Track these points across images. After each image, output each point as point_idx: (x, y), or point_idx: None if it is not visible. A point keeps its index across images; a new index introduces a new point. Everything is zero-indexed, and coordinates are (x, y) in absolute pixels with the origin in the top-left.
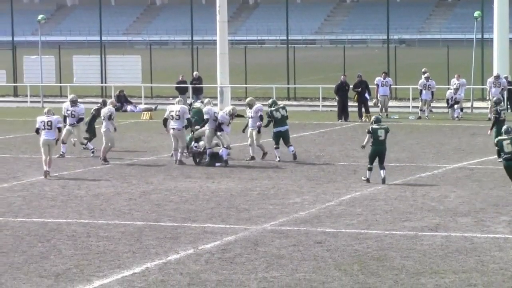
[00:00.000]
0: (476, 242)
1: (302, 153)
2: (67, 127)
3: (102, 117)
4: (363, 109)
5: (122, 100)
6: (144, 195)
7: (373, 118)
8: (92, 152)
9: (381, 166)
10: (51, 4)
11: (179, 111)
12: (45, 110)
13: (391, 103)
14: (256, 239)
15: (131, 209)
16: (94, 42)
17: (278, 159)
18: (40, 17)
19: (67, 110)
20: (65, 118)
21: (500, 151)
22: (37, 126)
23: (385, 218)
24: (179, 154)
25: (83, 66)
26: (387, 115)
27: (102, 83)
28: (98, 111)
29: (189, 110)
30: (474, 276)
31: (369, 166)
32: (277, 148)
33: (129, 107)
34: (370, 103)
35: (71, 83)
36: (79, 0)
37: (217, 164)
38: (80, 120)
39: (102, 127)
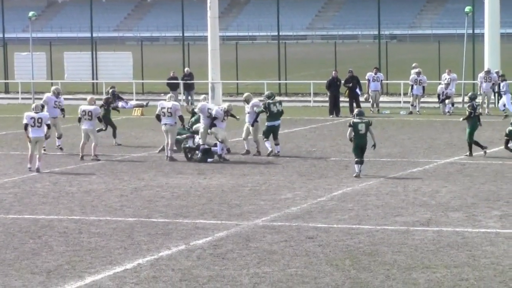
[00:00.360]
0: (467, 236)
1: (294, 149)
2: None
3: (88, 117)
4: (355, 104)
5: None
6: (136, 191)
7: (355, 111)
8: (61, 149)
9: (360, 161)
10: (41, 1)
11: (170, 108)
12: (33, 105)
13: (382, 98)
14: (248, 235)
15: (122, 206)
16: (85, 39)
17: (269, 149)
18: (31, 13)
19: (55, 101)
20: (42, 107)
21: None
22: (25, 121)
23: (377, 213)
24: (169, 151)
25: (74, 63)
26: (378, 110)
27: (93, 79)
28: (107, 101)
29: (193, 110)
30: (465, 271)
31: (356, 160)
32: (266, 140)
33: (120, 104)
34: (361, 98)
35: (62, 80)
36: None
37: (209, 159)
38: (62, 110)
39: (86, 125)
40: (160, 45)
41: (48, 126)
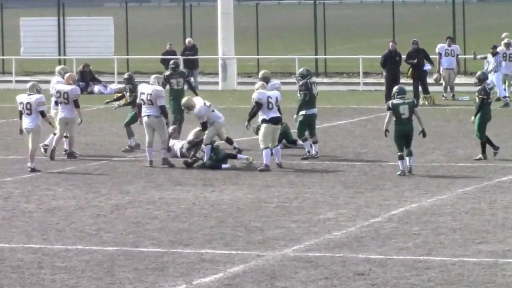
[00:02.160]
0: None
1: (336, 150)
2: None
3: (64, 100)
4: (421, 88)
5: (87, 77)
6: (118, 209)
7: (394, 88)
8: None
9: (407, 152)
10: None
11: (150, 94)
12: (28, 85)
13: (458, 80)
14: (273, 270)
15: (99, 229)
16: (48, 0)
17: (308, 154)
18: None
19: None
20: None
21: None
22: (19, 108)
23: (453, 240)
24: (163, 151)
25: (34, 32)
26: (453, 96)
27: (59, 55)
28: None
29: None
30: None
31: (399, 154)
32: (305, 140)
33: (96, 88)
34: (429, 80)
35: (18, 55)
36: None
37: (223, 166)
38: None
39: (63, 112)
40: (151, 8)
41: (42, 113)
